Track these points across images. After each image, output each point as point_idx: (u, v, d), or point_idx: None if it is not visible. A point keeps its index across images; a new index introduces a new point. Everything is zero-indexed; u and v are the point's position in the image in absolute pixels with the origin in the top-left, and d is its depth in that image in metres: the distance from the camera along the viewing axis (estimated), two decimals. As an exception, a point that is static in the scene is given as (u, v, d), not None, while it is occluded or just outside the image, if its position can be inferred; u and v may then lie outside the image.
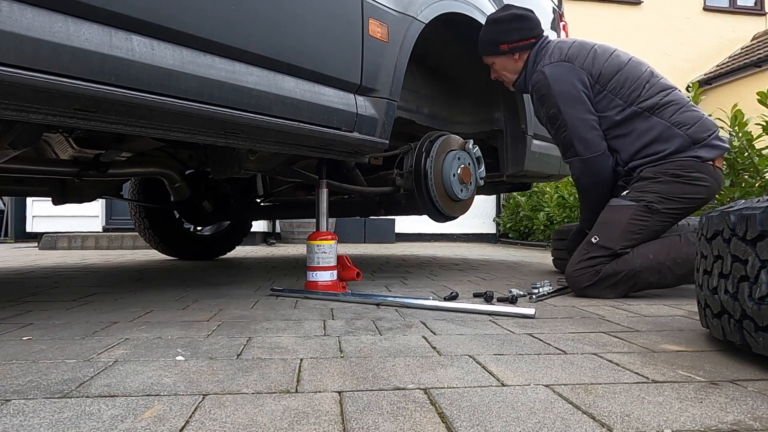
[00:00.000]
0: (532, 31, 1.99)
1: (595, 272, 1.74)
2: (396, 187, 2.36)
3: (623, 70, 1.84)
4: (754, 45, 8.65)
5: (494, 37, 2.02)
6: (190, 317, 1.36)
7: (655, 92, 1.80)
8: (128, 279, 2.31)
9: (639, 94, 1.81)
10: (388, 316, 1.39)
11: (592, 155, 1.85)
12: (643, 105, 1.79)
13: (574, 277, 1.78)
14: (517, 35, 1.98)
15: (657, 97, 1.79)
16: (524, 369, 0.88)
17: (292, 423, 0.64)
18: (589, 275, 1.75)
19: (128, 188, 3.33)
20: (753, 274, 0.88)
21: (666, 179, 1.73)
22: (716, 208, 1.07)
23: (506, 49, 2.00)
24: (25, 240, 6.95)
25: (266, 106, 1.39)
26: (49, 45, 0.98)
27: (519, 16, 2.00)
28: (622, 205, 1.77)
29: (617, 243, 1.74)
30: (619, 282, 1.72)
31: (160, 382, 0.80)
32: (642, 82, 1.82)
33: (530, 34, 1.99)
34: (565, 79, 1.84)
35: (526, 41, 1.98)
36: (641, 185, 1.77)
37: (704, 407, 0.70)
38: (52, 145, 2.26)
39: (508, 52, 2.01)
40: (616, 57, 1.88)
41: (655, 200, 1.72)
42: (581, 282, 1.76)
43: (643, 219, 1.73)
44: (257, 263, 3.28)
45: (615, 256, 1.74)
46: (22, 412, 0.67)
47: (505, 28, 1.99)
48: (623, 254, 1.74)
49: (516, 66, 2.05)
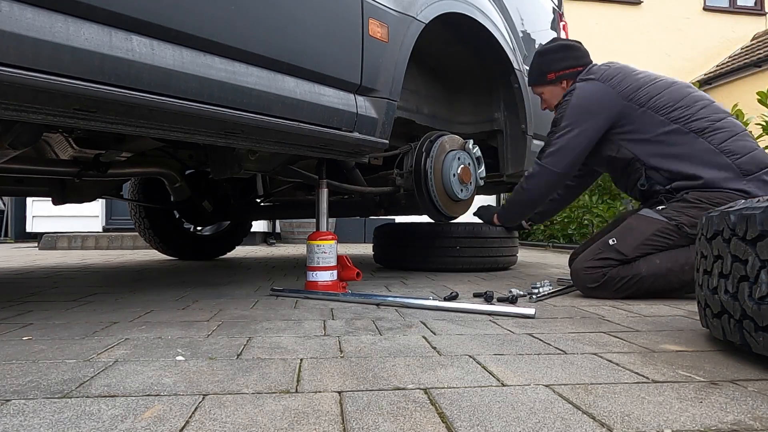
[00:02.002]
0: (578, 60, 2.00)
1: (602, 274, 1.72)
2: (396, 187, 2.36)
3: (670, 90, 1.80)
4: (754, 45, 8.65)
5: (541, 67, 2.07)
6: (190, 317, 1.36)
7: (707, 114, 1.75)
8: (128, 279, 2.31)
9: (688, 114, 1.76)
10: (388, 316, 1.39)
11: (563, 173, 1.92)
12: (691, 126, 1.74)
13: (580, 275, 1.76)
14: (564, 64, 2.01)
15: (707, 120, 1.74)
16: (524, 369, 0.88)
17: (292, 423, 0.64)
18: (594, 276, 1.72)
19: (128, 188, 3.33)
20: (753, 274, 0.88)
21: (705, 206, 1.66)
22: (716, 208, 1.07)
23: (553, 78, 2.04)
24: (25, 240, 6.95)
25: (266, 106, 1.39)
26: (49, 45, 0.98)
27: (564, 46, 2.04)
28: (653, 219, 1.73)
29: (633, 251, 1.71)
30: (624, 286, 1.70)
31: (160, 382, 0.80)
32: (691, 102, 1.78)
33: (577, 62, 2.00)
34: (587, 95, 1.85)
35: (572, 69, 2.00)
36: (680, 206, 1.72)
37: (704, 407, 0.70)
38: (52, 145, 2.26)
39: (556, 80, 2.04)
40: (662, 79, 1.86)
41: (689, 224, 1.66)
42: (586, 281, 1.74)
43: (668, 237, 1.69)
44: (257, 263, 3.28)
45: (625, 263, 1.72)
46: (22, 412, 0.67)
47: (551, 58, 2.04)
48: (633, 261, 1.71)
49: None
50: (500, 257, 2.70)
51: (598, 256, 1.74)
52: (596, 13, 8.80)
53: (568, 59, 2.01)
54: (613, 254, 1.72)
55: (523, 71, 2.57)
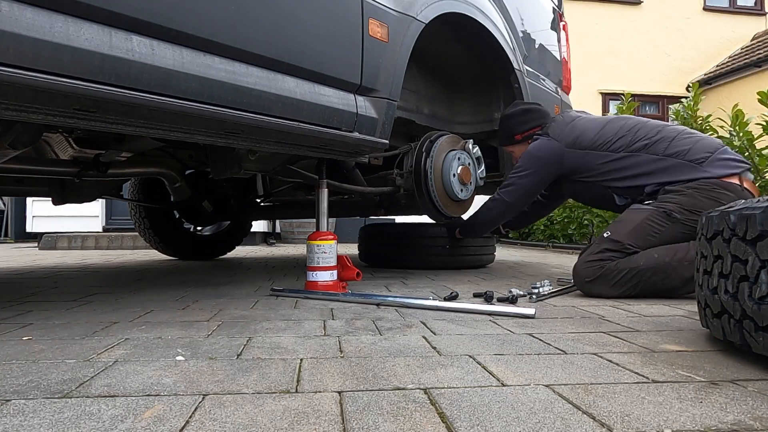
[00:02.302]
0: (539, 120, 2.24)
1: (600, 267, 1.75)
2: (396, 187, 2.36)
3: (605, 128, 2.02)
4: (754, 45, 8.65)
5: (508, 130, 2.31)
6: (190, 317, 1.36)
7: (643, 134, 1.94)
8: (128, 279, 2.31)
9: (628, 141, 1.95)
10: (388, 316, 1.39)
11: (513, 205, 2.23)
12: (633, 148, 1.93)
13: (579, 270, 1.80)
14: (527, 126, 2.26)
15: (645, 138, 1.93)
16: (524, 369, 0.88)
17: (292, 423, 0.64)
18: (593, 269, 1.76)
19: (128, 188, 3.33)
20: (753, 274, 0.88)
21: (690, 192, 1.77)
22: (716, 208, 1.07)
23: (520, 138, 2.28)
24: (25, 240, 6.95)
25: (266, 106, 1.39)
26: (49, 45, 0.98)
27: (526, 110, 2.28)
28: (641, 209, 1.83)
29: (626, 238, 1.77)
30: (622, 280, 1.72)
31: (160, 382, 0.80)
32: (626, 131, 1.98)
33: (537, 123, 2.24)
34: (538, 147, 2.13)
35: (534, 129, 2.24)
36: (664, 197, 1.82)
37: (704, 407, 0.70)
38: (52, 145, 2.26)
39: (522, 141, 2.28)
40: (598, 120, 2.11)
41: (676, 210, 1.75)
42: (585, 275, 1.77)
43: (659, 223, 1.76)
44: (257, 263, 3.28)
45: (623, 253, 1.76)
46: (22, 412, 0.67)
47: (516, 121, 2.28)
48: (631, 253, 1.75)
49: None
50: (483, 255, 2.94)
51: (597, 249, 1.80)
52: (596, 13, 8.80)
53: (530, 121, 2.25)
54: (608, 244, 1.79)
55: (523, 71, 2.57)
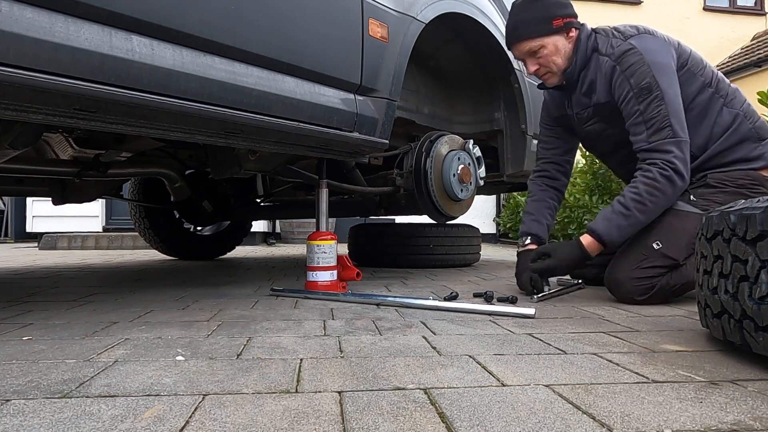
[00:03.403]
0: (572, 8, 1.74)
1: (651, 286, 1.56)
2: (396, 187, 2.36)
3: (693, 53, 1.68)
4: (754, 45, 8.65)
5: (544, 13, 1.69)
6: (190, 317, 1.36)
7: (727, 82, 1.66)
8: (128, 279, 2.31)
9: (716, 79, 1.65)
10: (388, 316, 1.39)
11: (687, 140, 1.58)
12: (720, 89, 1.63)
13: (627, 287, 1.57)
14: (567, 10, 1.71)
15: (726, 83, 1.64)
16: (524, 369, 0.88)
17: (292, 423, 0.64)
18: (643, 288, 1.56)
19: (128, 188, 3.33)
20: (753, 274, 0.88)
21: (731, 190, 1.60)
22: (716, 208, 1.07)
23: (561, 24, 1.69)
24: (25, 240, 6.95)
25: (266, 106, 1.39)
26: (49, 45, 0.98)
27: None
28: (690, 212, 1.59)
29: (683, 254, 1.55)
30: (671, 293, 1.59)
31: (160, 382, 0.80)
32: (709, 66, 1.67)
33: (573, 11, 1.73)
34: (656, 49, 1.62)
35: (573, 17, 1.71)
36: (706, 193, 1.62)
37: (704, 407, 0.70)
38: (52, 145, 2.25)
39: (564, 28, 1.69)
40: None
41: None
42: (634, 294, 1.57)
43: None
44: (257, 263, 3.28)
45: (675, 268, 1.58)
46: (22, 412, 0.67)
47: (551, 2, 1.71)
48: (681, 266, 1.58)
49: (568, 49, 1.74)
50: (468, 254, 3.00)
51: (645, 264, 1.56)
52: (596, 13, 8.79)
53: (568, 6, 1.73)
54: (662, 260, 1.56)
55: (522, 71, 2.57)
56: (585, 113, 1.82)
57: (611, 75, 1.68)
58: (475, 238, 3.07)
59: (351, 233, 3.26)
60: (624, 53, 1.64)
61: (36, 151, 2.27)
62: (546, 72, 1.78)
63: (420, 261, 2.90)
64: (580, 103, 1.82)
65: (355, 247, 3.18)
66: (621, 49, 1.65)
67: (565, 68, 1.76)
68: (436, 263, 2.91)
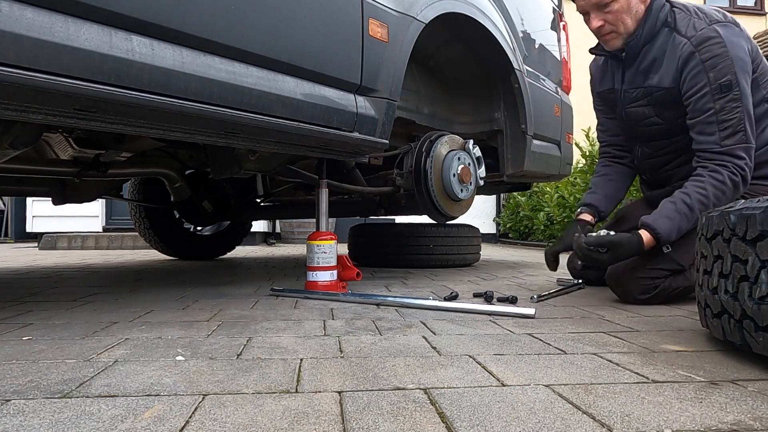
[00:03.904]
0: None
1: (654, 286, 1.55)
2: (396, 187, 2.36)
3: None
4: (754, 45, 8.65)
5: None
6: (190, 317, 1.36)
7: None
8: (128, 279, 2.31)
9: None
10: (388, 316, 1.39)
11: (754, 146, 1.50)
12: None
13: (629, 286, 1.57)
14: None
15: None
16: (524, 369, 0.88)
17: (292, 423, 0.64)
18: (646, 287, 1.55)
19: (128, 188, 3.33)
20: (753, 274, 0.88)
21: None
22: (716, 208, 1.07)
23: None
24: (25, 240, 6.95)
25: (266, 106, 1.39)
26: (49, 45, 0.98)
27: None
28: None
29: (690, 261, 1.53)
30: (673, 295, 1.58)
31: (160, 382, 0.80)
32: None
33: None
34: (739, 45, 1.49)
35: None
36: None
37: (704, 407, 0.70)
38: (52, 145, 2.26)
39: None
40: None
41: None
42: (635, 293, 1.56)
43: None
44: (257, 263, 3.28)
45: (679, 273, 1.57)
46: (22, 412, 0.67)
47: None
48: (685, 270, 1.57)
49: (639, 11, 1.60)
50: (468, 255, 3.01)
51: (651, 264, 1.55)
52: (596, 13, 8.79)
53: None
54: (668, 264, 1.54)
55: (523, 71, 2.57)
56: (634, 93, 1.67)
57: (687, 61, 1.53)
58: (475, 238, 3.09)
59: (351, 233, 3.27)
60: (707, 40, 1.50)
61: (36, 151, 2.27)
62: (610, 31, 1.62)
63: (420, 261, 2.90)
64: (633, 80, 1.67)
65: (355, 247, 3.19)
66: (704, 34, 1.50)
67: (633, 31, 1.61)
68: (436, 263, 2.91)
